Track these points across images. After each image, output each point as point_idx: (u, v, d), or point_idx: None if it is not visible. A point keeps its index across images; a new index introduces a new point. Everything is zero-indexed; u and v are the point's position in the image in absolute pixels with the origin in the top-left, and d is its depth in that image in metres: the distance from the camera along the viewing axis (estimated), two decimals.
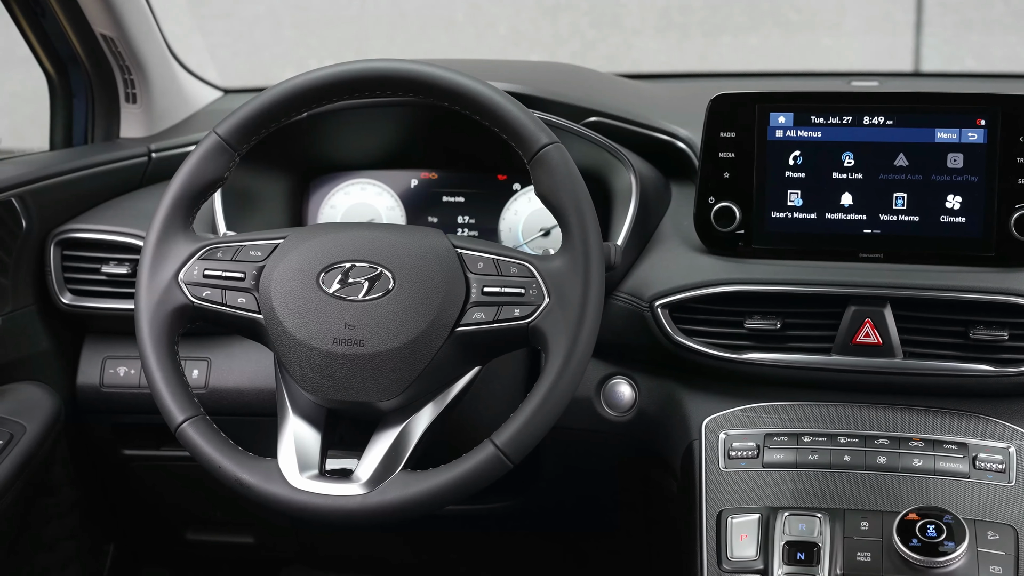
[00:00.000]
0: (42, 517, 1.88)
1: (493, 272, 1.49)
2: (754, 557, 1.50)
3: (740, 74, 2.39)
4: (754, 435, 1.63)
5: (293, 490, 1.46)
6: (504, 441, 1.43)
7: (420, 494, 1.44)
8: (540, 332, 1.45)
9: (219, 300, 1.53)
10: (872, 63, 5.57)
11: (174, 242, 1.55)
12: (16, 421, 1.77)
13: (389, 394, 1.48)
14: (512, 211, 1.97)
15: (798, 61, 5.70)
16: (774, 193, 1.71)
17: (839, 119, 1.68)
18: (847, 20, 5.87)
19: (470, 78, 1.51)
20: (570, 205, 1.47)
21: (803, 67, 5.79)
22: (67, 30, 1.96)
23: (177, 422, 1.50)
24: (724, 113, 1.71)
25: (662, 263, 1.74)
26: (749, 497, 1.57)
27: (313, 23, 6.33)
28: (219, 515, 2.13)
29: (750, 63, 5.72)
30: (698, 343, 1.68)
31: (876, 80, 2.11)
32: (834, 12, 5.92)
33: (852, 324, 1.63)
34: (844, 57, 5.64)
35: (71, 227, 1.88)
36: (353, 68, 1.54)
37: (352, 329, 1.48)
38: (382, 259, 1.51)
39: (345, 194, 2.02)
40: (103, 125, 2.07)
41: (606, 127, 1.87)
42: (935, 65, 5.50)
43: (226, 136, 1.56)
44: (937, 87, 1.73)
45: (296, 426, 1.53)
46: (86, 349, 1.96)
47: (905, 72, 2.78)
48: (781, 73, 2.25)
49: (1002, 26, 5.65)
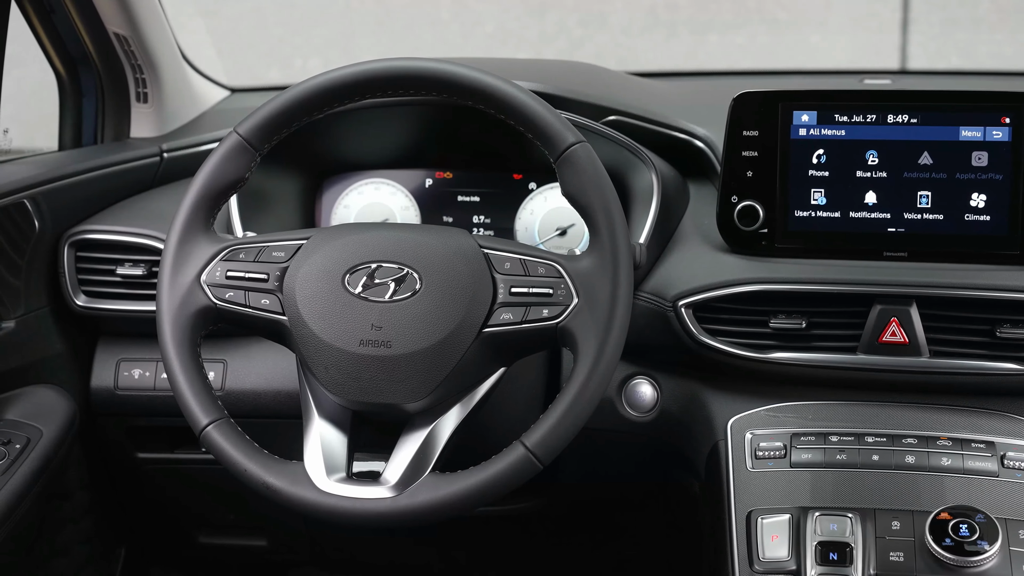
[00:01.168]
0: (57, 521, 1.86)
1: (520, 272, 1.47)
2: (786, 558, 1.49)
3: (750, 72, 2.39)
4: (781, 435, 1.63)
5: (321, 493, 1.44)
6: (534, 442, 1.42)
7: (450, 496, 1.42)
8: (569, 333, 1.44)
9: (242, 301, 1.51)
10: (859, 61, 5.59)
11: (196, 243, 1.53)
12: (33, 425, 1.75)
13: (416, 396, 1.46)
14: (528, 210, 1.96)
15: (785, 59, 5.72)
16: (797, 192, 1.70)
17: (863, 117, 1.68)
18: (834, 18, 5.89)
19: (496, 77, 1.49)
20: (598, 204, 1.46)
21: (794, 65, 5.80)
22: (79, 29, 1.94)
23: (201, 425, 1.48)
24: (747, 112, 1.70)
25: (684, 262, 1.73)
26: (778, 497, 1.56)
27: (298, 21, 6.31)
28: (232, 518, 2.12)
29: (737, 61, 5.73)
30: (722, 343, 1.67)
31: (888, 78, 2.10)
32: (821, 10, 5.94)
33: (878, 323, 1.62)
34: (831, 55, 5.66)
35: (85, 228, 1.86)
36: (378, 67, 1.52)
37: (379, 330, 1.46)
38: (408, 259, 1.49)
39: (359, 194, 2.01)
40: (113, 125, 2.05)
41: (625, 126, 1.87)
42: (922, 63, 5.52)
43: (247, 135, 1.54)
44: (953, 85, 1.74)
45: (322, 428, 1.52)
46: (99, 351, 1.94)
47: (919, 70, 2.78)
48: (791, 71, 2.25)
49: (988, 24, 5.68)
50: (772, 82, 1.77)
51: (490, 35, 6.12)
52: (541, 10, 6.12)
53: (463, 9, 6.17)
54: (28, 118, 2.16)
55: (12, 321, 1.77)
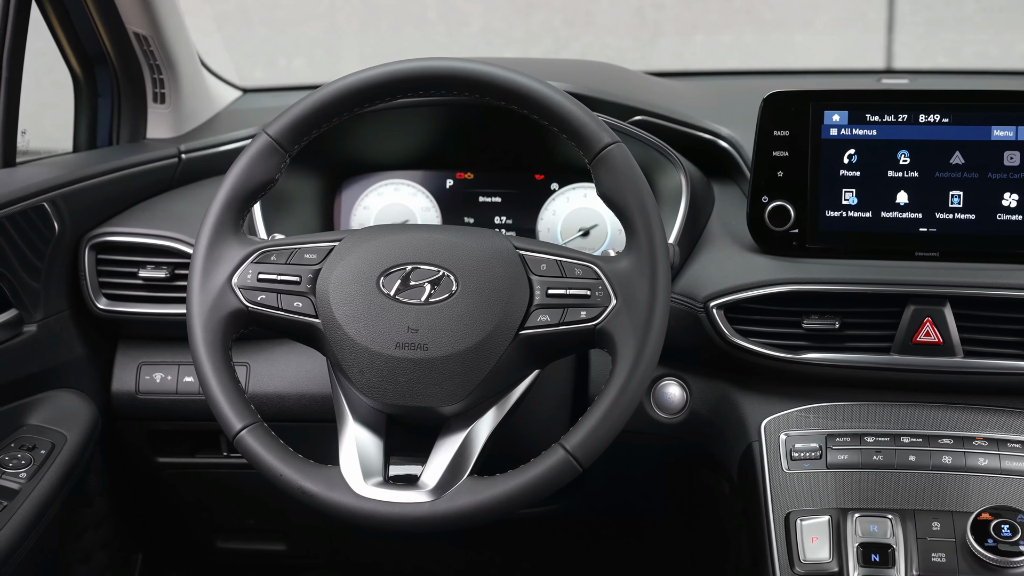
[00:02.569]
0: (79, 527, 1.83)
1: (557, 274, 1.46)
2: (828, 559, 1.48)
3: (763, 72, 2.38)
4: (816, 436, 1.62)
5: (359, 498, 1.42)
6: (574, 445, 1.41)
7: (490, 500, 1.41)
8: (607, 334, 1.43)
9: (274, 304, 1.49)
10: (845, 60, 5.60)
11: (226, 246, 1.51)
12: (56, 430, 1.73)
13: (453, 399, 1.45)
14: (550, 211, 1.95)
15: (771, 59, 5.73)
16: (828, 192, 1.70)
17: (894, 117, 1.67)
18: (820, 18, 5.90)
19: (530, 78, 1.48)
20: (635, 205, 1.45)
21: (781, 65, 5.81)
22: (98, 28, 1.91)
23: (235, 430, 1.46)
24: (777, 111, 1.70)
25: (714, 263, 1.73)
26: (816, 499, 1.55)
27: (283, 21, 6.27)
28: (252, 522, 2.10)
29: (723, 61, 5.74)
30: (754, 343, 1.67)
31: (906, 78, 2.10)
32: (807, 10, 5.95)
33: (912, 323, 1.62)
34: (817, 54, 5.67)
35: (106, 230, 1.84)
36: (411, 66, 1.50)
37: (415, 333, 1.45)
38: (444, 261, 1.48)
39: (378, 195, 1.99)
40: (129, 126, 2.02)
41: (651, 126, 1.86)
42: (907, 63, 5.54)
43: (277, 136, 1.53)
44: (970, 84, 1.73)
45: (356, 432, 1.50)
46: (120, 355, 1.91)
47: (936, 69, 2.78)
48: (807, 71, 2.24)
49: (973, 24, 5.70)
50: (789, 82, 1.76)
51: (476, 35, 6.10)
52: (527, 10, 6.11)
53: (449, 9, 6.15)
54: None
55: (34, 325, 1.74)
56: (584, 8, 6.09)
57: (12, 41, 1.72)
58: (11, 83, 1.73)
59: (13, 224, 1.68)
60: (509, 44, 5.98)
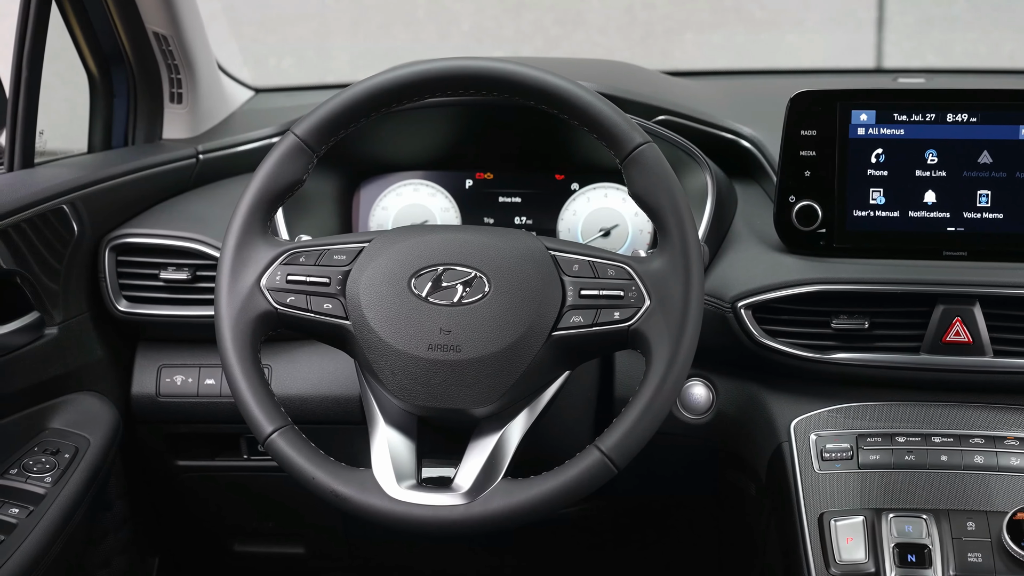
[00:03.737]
0: (100, 532, 1.82)
1: (590, 274, 1.45)
2: (864, 560, 1.48)
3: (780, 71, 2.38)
4: (846, 436, 1.62)
5: (392, 501, 1.41)
6: (610, 446, 1.40)
7: (526, 502, 1.40)
8: (641, 335, 1.42)
9: (304, 306, 1.48)
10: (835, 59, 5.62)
11: (254, 247, 1.50)
12: (79, 434, 1.71)
13: (486, 401, 1.44)
14: (571, 211, 1.94)
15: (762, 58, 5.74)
16: (856, 191, 1.69)
17: (922, 116, 1.67)
18: (810, 17, 5.91)
19: (561, 77, 1.47)
20: (667, 205, 1.44)
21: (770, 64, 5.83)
22: (117, 27, 1.90)
23: (266, 433, 1.44)
24: (805, 111, 1.69)
25: (741, 263, 1.72)
26: (849, 499, 1.55)
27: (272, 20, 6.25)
28: (271, 526, 2.08)
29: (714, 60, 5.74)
30: (783, 344, 1.66)
31: (923, 77, 2.10)
32: (797, 9, 5.96)
33: (942, 323, 1.62)
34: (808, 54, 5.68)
35: (125, 232, 1.82)
36: (441, 66, 1.49)
37: (447, 334, 1.44)
38: (475, 262, 1.47)
39: (397, 195, 1.98)
40: (145, 126, 2.00)
41: (674, 126, 1.85)
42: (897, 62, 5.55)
43: (305, 136, 1.51)
44: (988, 83, 1.73)
45: (388, 435, 1.49)
46: (139, 357, 1.89)
47: (951, 69, 2.78)
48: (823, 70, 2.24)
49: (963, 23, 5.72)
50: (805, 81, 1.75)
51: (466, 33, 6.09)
52: (518, 9, 6.10)
53: (439, 8, 6.14)
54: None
55: (55, 328, 1.73)
56: (574, 7, 6.08)
57: (32, 42, 1.70)
58: (31, 83, 1.72)
59: (34, 226, 1.66)
60: (499, 43, 5.97)
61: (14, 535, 1.53)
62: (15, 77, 1.71)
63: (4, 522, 1.55)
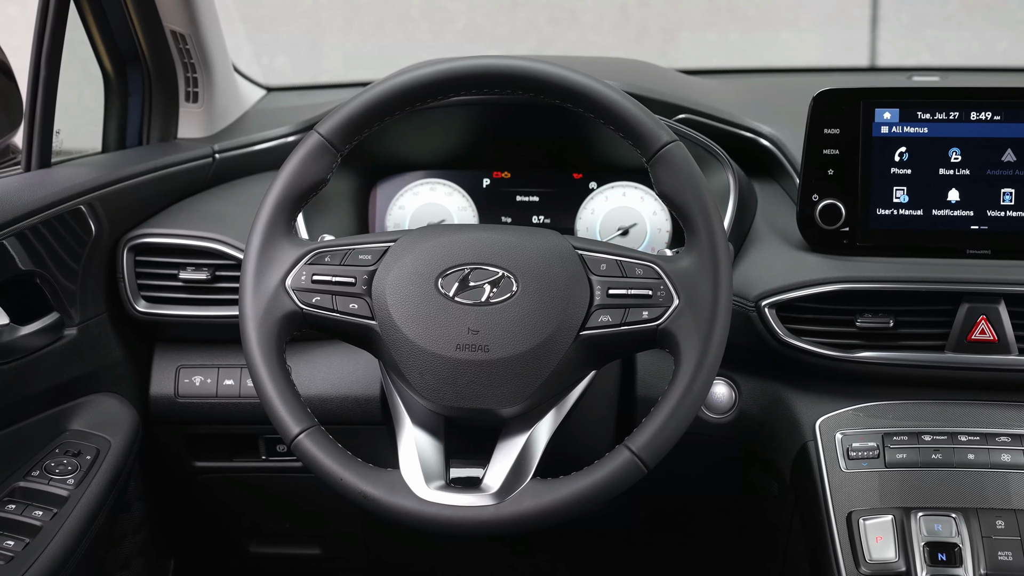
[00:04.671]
0: (118, 534, 1.80)
1: (617, 274, 1.45)
2: (894, 559, 1.48)
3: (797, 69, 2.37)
4: (872, 435, 1.62)
5: (421, 502, 1.40)
6: (640, 446, 1.39)
7: (556, 502, 1.39)
8: (670, 335, 1.42)
9: (329, 306, 1.47)
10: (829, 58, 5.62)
11: (278, 247, 1.49)
12: (100, 435, 1.70)
13: (514, 401, 1.43)
14: (589, 210, 1.94)
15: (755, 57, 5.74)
16: (879, 190, 1.69)
17: (945, 115, 1.67)
18: (804, 15, 5.91)
19: (587, 76, 1.47)
20: (695, 204, 1.44)
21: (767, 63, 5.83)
22: (135, 26, 1.88)
23: (293, 434, 1.43)
24: (828, 109, 1.69)
25: (764, 262, 1.72)
26: (877, 498, 1.55)
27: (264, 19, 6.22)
28: (288, 526, 2.07)
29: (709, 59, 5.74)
30: (807, 342, 1.66)
31: (937, 75, 2.10)
32: (791, 7, 5.96)
33: (967, 321, 1.62)
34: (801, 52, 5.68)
35: (144, 232, 1.81)
36: (467, 65, 1.48)
37: (475, 334, 1.43)
38: (503, 262, 1.46)
39: (414, 194, 1.97)
40: (159, 125, 1.99)
41: (695, 124, 1.85)
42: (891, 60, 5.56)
43: (329, 136, 1.50)
44: (1005, 81, 1.73)
45: (416, 435, 1.48)
46: (157, 358, 1.88)
47: (967, 67, 2.78)
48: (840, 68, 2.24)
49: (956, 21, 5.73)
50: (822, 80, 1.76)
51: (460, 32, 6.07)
52: (512, 7, 6.09)
53: (433, 7, 6.13)
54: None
55: (74, 328, 1.71)
56: (568, 5, 6.08)
57: (51, 41, 1.68)
58: (48, 83, 1.70)
59: (52, 227, 1.65)
60: (493, 42, 5.96)
61: (39, 537, 1.52)
62: (33, 76, 1.70)
63: (28, 524, 1.53)
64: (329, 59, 6.04)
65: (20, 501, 1.57)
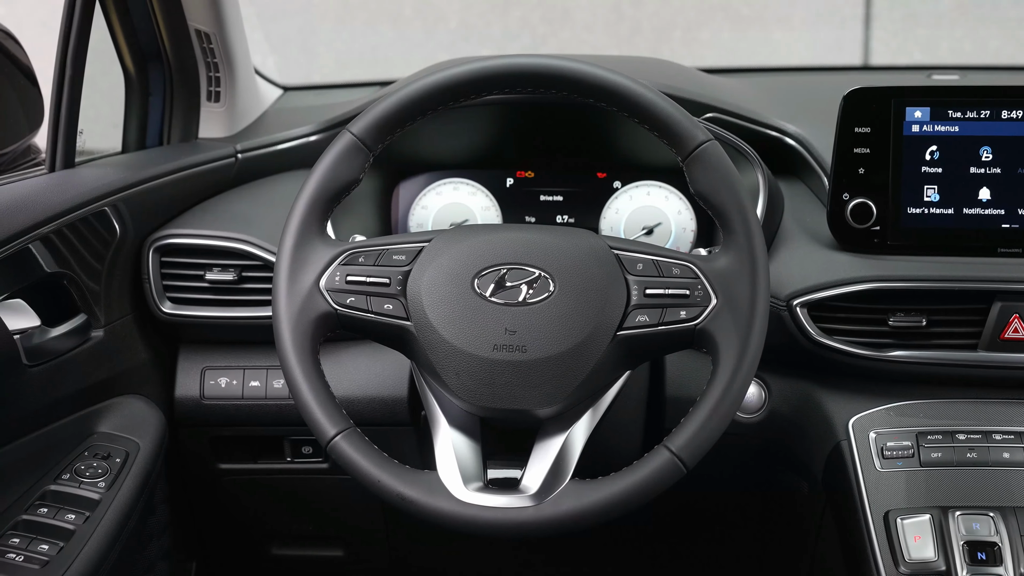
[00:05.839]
0: (145, 537, 1.79)
1: (654, 273, 1.44)
2: (934, 558, 1.48)
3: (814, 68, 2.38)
4: (906, 433, 1.62)
5: (460, 504, 1.39)
6: (679, 446, 1.39)
7: (596, 503, 1.39)
8: (708, 334, 1.41)
9: (364, 307, 1.46)
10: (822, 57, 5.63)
11: (312, 248, 1.48)
12: (128, 438, 1.69)
13: (551, 401, 1.42)
14: (613, 209, 1.93)
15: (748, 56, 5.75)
16: (910, 188, 1.69)
17: (976, 113, 1.67)
18: (796, 14, 5.92)
19: (621, 75, 1.46)
20: (732, 203, 1.43)
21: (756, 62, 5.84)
22: (159, 25, 1.86)
23: (329, 436, 1.42)
24: (859, 108, 1.69)
25: (795, 261, 1.71)
26: (914, 497, 1.55)
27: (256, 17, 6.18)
28: (312, 529, 2.06)
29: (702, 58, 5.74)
30: (840, 342, 1.66)
31: (956, 74, 2.11)
32: (784, 6, 5.97)
33: (999, 320, 1.62)
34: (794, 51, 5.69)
35: (170, 232, 1.79)
36: (500, 64, 1.48)
37: (513, 335, 1.42)
38: (539, 261, 1.45)
39: (437, 194, 1.96)
40: (180, 125, 1.97)
41: (721, 123, 1.84)
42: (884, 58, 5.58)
43: (361, 135, 1.49)
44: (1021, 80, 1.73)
45: (452, 436, 1.47)
46: (182, 360, 1.87)
47: (986, 65, 2.79)
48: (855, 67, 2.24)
49: (949, 20, 5.75)
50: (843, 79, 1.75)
51: (453, 31, 6.07)
52: (505, 6, 6.08)
53: (425, 5, 6.12)
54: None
55: (101, 330, 1.70)
56: (561, 4, 6.07)
57: (76, 41, 1.67)
58: (73, 82, 1.68)
59: (78, 229, 1.64)
60: (486, 41, 5.95)
61: (73, 541, 1.51)
62: (58, 76, 1.68)
63: (62, 528, 1.52)
64: (321, 58, 6.02)
65: (52, 504, 1.56)
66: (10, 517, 1.52)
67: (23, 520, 1.53)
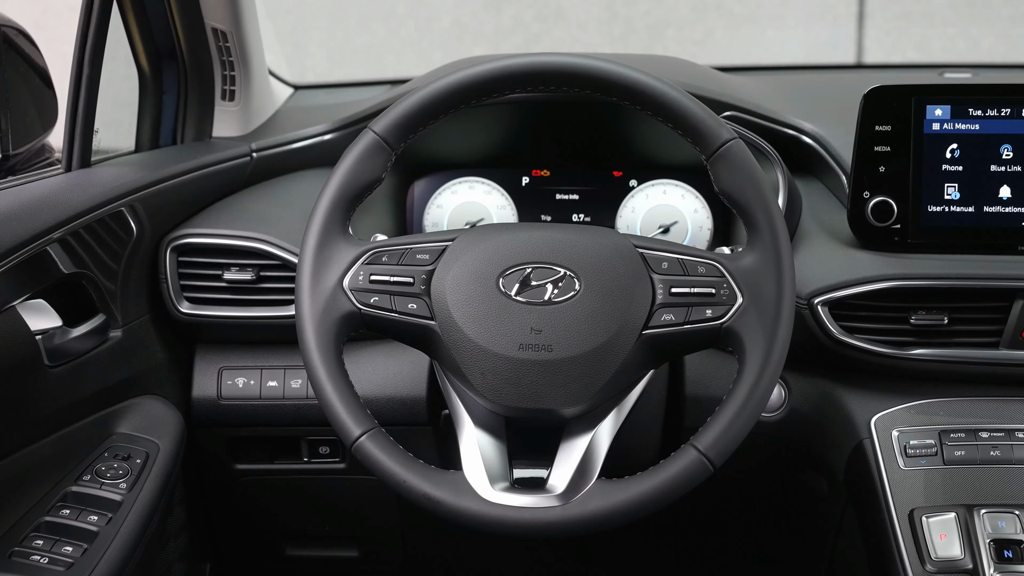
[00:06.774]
0: (163, 538, 1.78)
1: (679, 272, 1.44)
2: (960, 556, 1.48)
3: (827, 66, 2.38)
4: (929, 432, 1.62)
5: (487, 503, 1.39)
6: (707, 445, 1.38)
7: (624, 503, 1.38)
8: (734, 333, 1.41)
9: (388, 306, 1.45)
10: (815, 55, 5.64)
11: (335, 247, 1.47)
12: (148, 438, 1.68)
13: (577, 401, 1.42)
14: (629, 208, 1.93)
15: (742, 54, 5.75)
16: (931, 187, 1.69)
17: (997, 111, 1.67)
18: (790, 11, 5.93)
19: (645, 73, 1.46)
20: (756, 201, 1.43)
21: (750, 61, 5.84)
22: (175, 23, 1.85)
23: (354, 436, 1.41)
24: (879, 106, 1.69)
25: (815, 259, 1.71)
26: (938, 495, 1.55)
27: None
28: (327, 529, 2.05)
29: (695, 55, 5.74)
30: (861, 340, 1.66)
31: (969, 72, 2.11)
32: (777, 4, 5.97)
33: (1021, 317, 1.62)
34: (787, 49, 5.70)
35: (187, 232, 1.78)
36: (523, 62, 1.47)
37: (538, 334, 1.41)
38: (564, 260, 1.44)
39: (452, 193, 1.96)
40: (195, 124, 1.96)
41: (739, 121, 1.84)
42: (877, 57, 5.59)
43: (384, 134, 1.48)
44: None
45: (477, 436, 1.46)
46: (199, 360, 1.86)
47: (998, 64, 2.79)
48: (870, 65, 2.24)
49: (941, 18, 5.76)
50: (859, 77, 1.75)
51: (446, 30, 6.05)
52: (498, 4, 6.07)
53: (419, 3, 6.10)
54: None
55: (119, 330, 1.69)
56: (555, 2, 6.07)
57: (94, 40, 1.66)
58: (91, 81, 1.67)
59: (95, 229, 1.62)
60: (479, 39, 5.94)
61: (96, 543, 1.49)
62: (75, 75, 1.67)
63: (85, 530, 1.51)
64: (313, 57, 6.00)
65: (74, 506, 1.55)
66: (33, 518, 1.51)
67: (45, 522, 1.52)
